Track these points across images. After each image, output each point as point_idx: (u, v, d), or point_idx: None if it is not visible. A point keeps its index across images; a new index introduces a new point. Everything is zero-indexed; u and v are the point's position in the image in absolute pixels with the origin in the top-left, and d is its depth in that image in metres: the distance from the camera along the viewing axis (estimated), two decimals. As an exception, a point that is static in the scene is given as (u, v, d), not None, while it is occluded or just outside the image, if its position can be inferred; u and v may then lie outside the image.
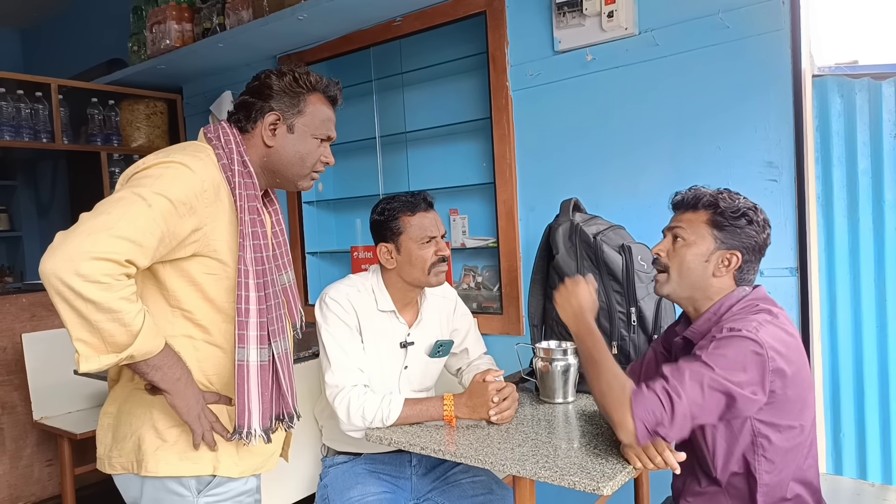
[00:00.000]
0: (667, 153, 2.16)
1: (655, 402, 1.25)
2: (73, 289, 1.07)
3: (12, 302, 2.98)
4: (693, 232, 1.41)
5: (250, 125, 1.37)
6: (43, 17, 4.88)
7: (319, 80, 1.43)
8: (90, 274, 1.07)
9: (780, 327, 1.32)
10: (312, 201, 3.34)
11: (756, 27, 1.96)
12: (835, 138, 2.02)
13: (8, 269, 4.60)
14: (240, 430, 1.29)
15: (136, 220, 1.13)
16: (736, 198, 1.41)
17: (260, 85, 1.38)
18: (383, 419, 1.64)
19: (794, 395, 1.31)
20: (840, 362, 2.05)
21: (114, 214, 1.12)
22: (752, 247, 1.39)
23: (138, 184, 1.18)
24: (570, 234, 1.92)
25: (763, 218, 1.41)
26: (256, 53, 3.24)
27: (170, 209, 1.18)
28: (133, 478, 1.32)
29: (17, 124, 3.33)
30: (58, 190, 4.37)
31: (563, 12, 2.29)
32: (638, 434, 1.25)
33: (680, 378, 1.26)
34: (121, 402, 1.35)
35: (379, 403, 1.65)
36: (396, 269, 1.80)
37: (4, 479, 2.97)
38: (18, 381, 2.95)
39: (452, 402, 1.65)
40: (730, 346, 1.27)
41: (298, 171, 1.41)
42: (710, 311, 1.40)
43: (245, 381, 1.29)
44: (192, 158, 1.25)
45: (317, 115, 1.41)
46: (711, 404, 1.25)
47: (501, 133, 2.52)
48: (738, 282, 1.41)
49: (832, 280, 2.04)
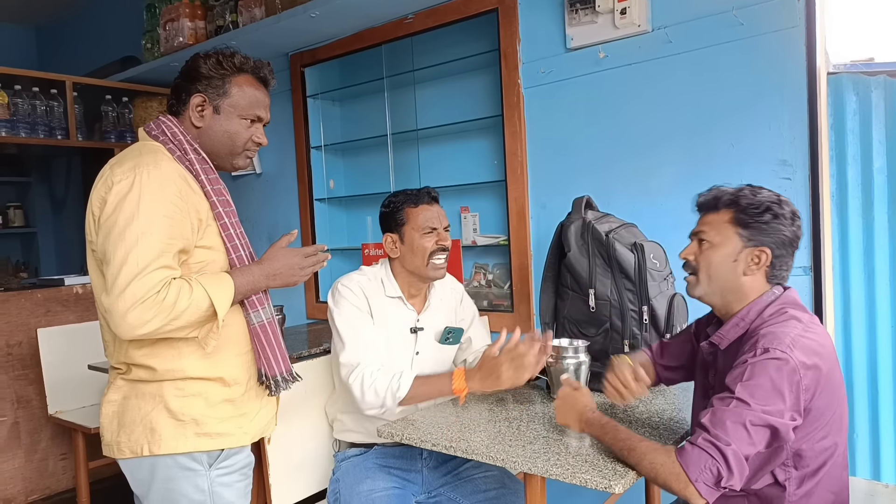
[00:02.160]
0: (680, 151, 2.15)
1: (706, 458, 1.20)
2: (150, 333, 1.27)
3: (27, 297, 3.02)
4: (717, 233, 1.38)
5: (181, 107, 1.44)
6: (58, 15, 4.92)
7: (246, 61, 1.47)
8: (139, 318, 1.24)
9: (813, 338, 1.28)
10: (324, 198, 3.35)
11: (770, 24, 1.94)
12: (850, 136, 2.00)
13: (23, 264, 4.65)
14: (274, 378, 1.46)
15: (149, 252, 1.26)
16: (758, 192, 1.37)
17: (188, 68, 1.45)
18: (394, 394, 1.67)
19: (824, 405, 1.26)
20: (854, 362, 2.04)
21: (129, 261, 1.25)
22: (782, 241, 1.33)
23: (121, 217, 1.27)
24: (583, 232, 1.92)
25: (791, 210, 1.35)
26: (269, 51, 3.26)
27: (166, 223, 1.29)
28: (143, 460, 1.38)
29: (32, 121, 3.36)
30: (72, 186, 4.42)
31: (575, 9, 2.28)
32: (705, 496, 1.20)
33: (721, 425, 1.21)
34: (126, 392, 1.40)
35: (390, 379, 1.69)
36: (400, 258, 1.88)
37: (20, 473, 3.00)
38: (34, 375, 2.99)
39: (463, 375, 1.68)
40: (764, 372, 1.21)
41: (230, 150, 1.47)
42: (739, 315, 1.36)
43: (262, 338, 1.44)
44: (154, 165, 1.32)
45: (243, 97, 1.45)
46: (759, 440, 1.21)
47: (513, 130, 2.52)
48: (771, 279, 1.36)
49: (846, 279, 2.03)
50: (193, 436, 1.38)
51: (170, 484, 1.39)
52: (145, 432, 1.36)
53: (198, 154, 1.41)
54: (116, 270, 1.25)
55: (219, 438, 1.41)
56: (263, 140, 1.50)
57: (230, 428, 1.43)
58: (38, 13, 4.89)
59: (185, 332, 1.33)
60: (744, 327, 1.35)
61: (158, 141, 1.41)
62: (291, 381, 1.50)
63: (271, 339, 1.45)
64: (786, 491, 1.29)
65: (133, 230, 1.26)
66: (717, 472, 1.18)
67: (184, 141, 1.40)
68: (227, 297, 1.34)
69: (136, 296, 1.24)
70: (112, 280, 1.25)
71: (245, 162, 1.51)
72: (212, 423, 1.40)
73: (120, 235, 1.26)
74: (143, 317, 1.24)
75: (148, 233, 1.27)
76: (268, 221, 3.57)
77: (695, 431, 1.26)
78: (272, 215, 3.54)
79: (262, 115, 1.49)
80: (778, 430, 1.20)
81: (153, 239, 1.27)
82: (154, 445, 1.36)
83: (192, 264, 1.37)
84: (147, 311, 1.24)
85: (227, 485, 1.44)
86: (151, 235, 1.27)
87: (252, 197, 3.62)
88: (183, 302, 1.27)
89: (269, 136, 1.55)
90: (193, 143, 1.42)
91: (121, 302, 1.24)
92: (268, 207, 3.56)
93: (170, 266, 1.29)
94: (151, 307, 1.24)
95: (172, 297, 1.26)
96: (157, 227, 1.28)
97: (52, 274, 3.83)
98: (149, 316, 1.24)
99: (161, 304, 1.25)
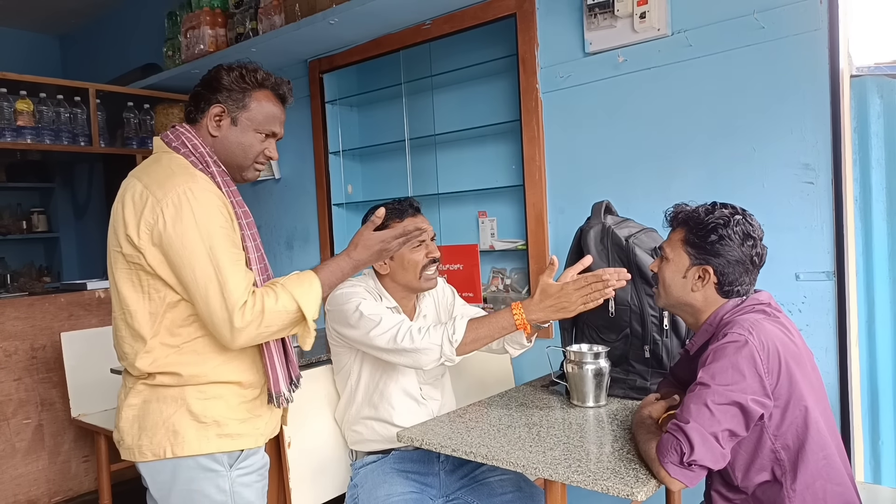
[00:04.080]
0: (700, 155, 2.13)
1: (671, 440, 1.28)
2: (254, 339, 1.35)
3: (51, 301, 3.06)
4: (672, 250, 1.47)
5: (199, 115, 1.47)
6: (81, 25, 5.01)
7: (268, 77, 1.50)
8: (243, 324, 1.31)
9: (776, 326, 1.35)
10: (342, 203, 3.37)
11: (792, 27, 1.93)
12: (874, 140, 1.98)
13: (46, 269, 4.72)
14: (276, 395, 1.46)
15: (222, 261, 1.32)
16: (712, 212, 1.42)
17: (210, 78, 1.48)
18: (450, 338, 1.65)
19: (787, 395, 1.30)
20: (879, 368, 2.01)
21: (212, 275, 1.32)
22: (728, 261, 1.39)
23: (182, 231, 1.32)
24: (602, 237, 1.91)
25: (742, 230, 1.39)
26: (288, 57, 3.29)
27: (223, 233, 1.35)
28: (165, 463, 1.40)
29: (56, 128, 3.42)
30: (94, 192, 4.48)
31: (594, 14, 2.28)
32: (673, 475, 1.27)
33: (686, 409, 1.29)
34: (146, 396, 1.42)
35: (443, 327, 1.67)
36: (390, 274, 1.88)
37: (43, 475, 3.04)
38: (57, 378, 3.03)
39: (521, 308, 1.67)
40: (724, 355, 1.29)
41: (241, 162, 1.50)
42: (707, 322, 1.44)
43: (270, 353, 1.45)
44: (190, 177, 1.37)
45: (261, 111, 1.48)
46: (726, 418, 1.26)
47: (531, 135, 2.51)
48: (726, 295, 1.43)
49: (870, 284, 2.00)
50: (215, 437, 1.41)
51: (192, 485, 1.41)
52: (168, 435, 1.38)
53: (218, 166, 1.44)
54: (205, 285, 1.32)
55: (239, 439, 1.44)
56: (274, 154, 1.53)
57: (248, 429, 1.46)
58: (62, 22, 4.98)
59: (282, 335, 1.40)
60: (711, 332, 1.43)
61: (180, 153, 1.43)
62: (286, 400, 1.50)
63: (272, 354, 1.45)
64: (783, 487, 1.31)
65: (203, 251, 1.32)
66: (679, 450, 1.26)
67: (205, 153, 1.43)
68: (315, 297, 1.39)
69: (235, 302, 1.31)
70: (204, 291, 1.32)
71: (253, 174, 1.54)
72: (232, 425, 1.42)
73: (191, 255, 1.32)
74: (245, 320, 1.32)
75: (216, 247, 1.32)
76: (286, 226, 3.59)
77: None
78: (290, 220, 3.56)
79: (277, 131, 1.52)
80: (745, 407, 1.26)
81: (222, 252, 1.33)
82: (177, 447, 1.38)
83: None
84: (247, 317, 1.32)
85: (247, 485, 1.47)
86: (220, 249, 1.33)
87: (271, 202, 3.65)
88: (271, 307, 1.33)
89: (288, 141, 1.58)
90: (213, 154, 1.45)
91: (226, 308, 1.31)
92: (286, 212, 3.58)
93: (245, 272, 1.36)
94: (246, 310, 1.32)
95: (260, 306, 1.32)
96: (219, 239, 1.34)
97: (75, 278, 3.88)
98: (249, 316, 1.32)
99: (253, 311, 1.32)
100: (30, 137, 3.33)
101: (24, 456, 2.99)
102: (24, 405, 2.99)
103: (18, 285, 3.94)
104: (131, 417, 1.42)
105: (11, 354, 2.94)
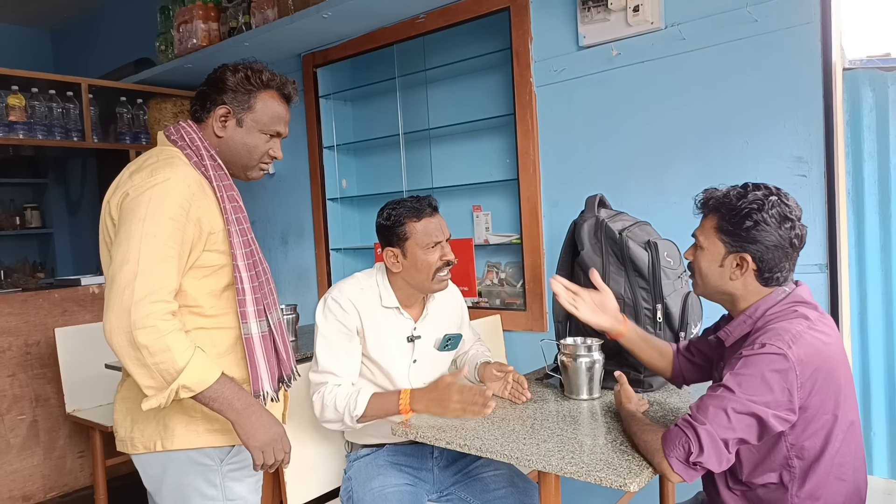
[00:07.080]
0: (693, 148, 2.14)
1: (681, 435, 1.25)
2: (132, 342, 1.23)
3: (45, 297, 3.06)
4: (706, 238, 1.39)
5: (204, 115, 1.47)
6: (72, 19, 4.97)
7: (273, 77, 1.49)
8: (138, 321, 1.23)
9: (817, 335, 1.27)
10: (336, 198, 3.37)
11: (785, 20, 1.93)
12: (866, 133, 1.98)
13: (40, 265, 4.71)
14: (256, 394, 1.42)
15: (152, 255, 1.26)
16: (745, 195, 1.34)
17: (215, 78, 1.47)
18: (351, 413, 1.69)
19: (819, 403, 1.26)
20: (870, 360, 2.02)
21: (131, 261, 1.25)
22: (769, 246, 1.31)
23: (133, 214, 1.28)
24: (596, 231, 1.91)
25: (779, 213, 1.30)
26: (282, 52, 3.28)
27: (173, 225, 1.30)
28: (156, 456, 1.41)
29: (49, 123, 3.40)
30: (87, 187, 4.47)
31: (587, 7, 2.28)
32: (675, 470, 1.26)
33: (703, 409, 1.25)
34: (139, 389, 1.39)
35: (347, 398, 1.71)
36: (402, 272, 1.83)
37: (38, 470, 3.04)
38: (51, 374, 3.03)
39: (409, 395, 1.71)
40: (756, 365, 1.22)
41: (246, 162, 1.49)
42: (746, 312, 1.36)
43: (252, 352, 1.43)
44: (170, 168, 1.35)
45: (266, 112, 1.48)
46: (741, 427, 1.23)
47: (525, 129, 2.52)
48: (766, 283, 1.35)
49: (862, 277, 2.01)
50: (205, 432, 1.41)
51: (182, 479, 1.41)
52: (158, 428, 1.39)
53: (213, 160, 1.43)
54: (118, 268, 1.25)
55: (229, 434, 1.43)
56: (279, 154, 1.53)
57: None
58: (54, 17, 4.95)
59: (141, 376, 1.26)
60: (750, 325, 1.35)
61: (177, 146, 1.43)
62: (271, 399, 1.46)
63: (255, 353, 1.42)
64: (788, 492, 1.29)
65: (139, 235, 1.27)
66: (687, 449, 1.24)
67: (201, 147, 1.43)
68: (201, 379, 1.28)
69: (140, 297, 1.24)
70: (114, 275, 1.26)
71: (258, 174, 1.53)
72: (222, 420, 1.41)
73: (127, 237, 1.28)
74: (142, 321, 1.23)
75: (149, 234, 1.28)
76: (280, 221, 3.59)
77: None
78: (285, 215, 3.56)
79: (282, 131, 1.52)
80: (764, 421, 1.22)
81: (160, 246, 1.28)
82: (167, 441, 1.39)
83: (203, 268, 1.38)
84: (147, 318, 1.24)
85: (239, 479, 1.47)
86: (157, 242, 1.28)
87: (265, 197, 3.65)
88: (176, 345, 1.25)
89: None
90: (211, 149, 1.44)
91: (126, 297, 1.24)
92: (281, 207, 3.58)
93: (173, 276, 1.29)
94: (151, 314, 1.24)
95: (172, 328, 1.25)
96: (162, 228, 1.29)
97: (69, 274, 3.87)
98: (150, 322, 1.24)
99: (163, 322, 1.25)
100: (22, 133, 3.32)
101: (19, 452, 2.98)
102: (19, 401, 2.98)
103: (12, 281, 3.94)
104: (125, 410, 1.44)
105: (5, 350, 2.94)
